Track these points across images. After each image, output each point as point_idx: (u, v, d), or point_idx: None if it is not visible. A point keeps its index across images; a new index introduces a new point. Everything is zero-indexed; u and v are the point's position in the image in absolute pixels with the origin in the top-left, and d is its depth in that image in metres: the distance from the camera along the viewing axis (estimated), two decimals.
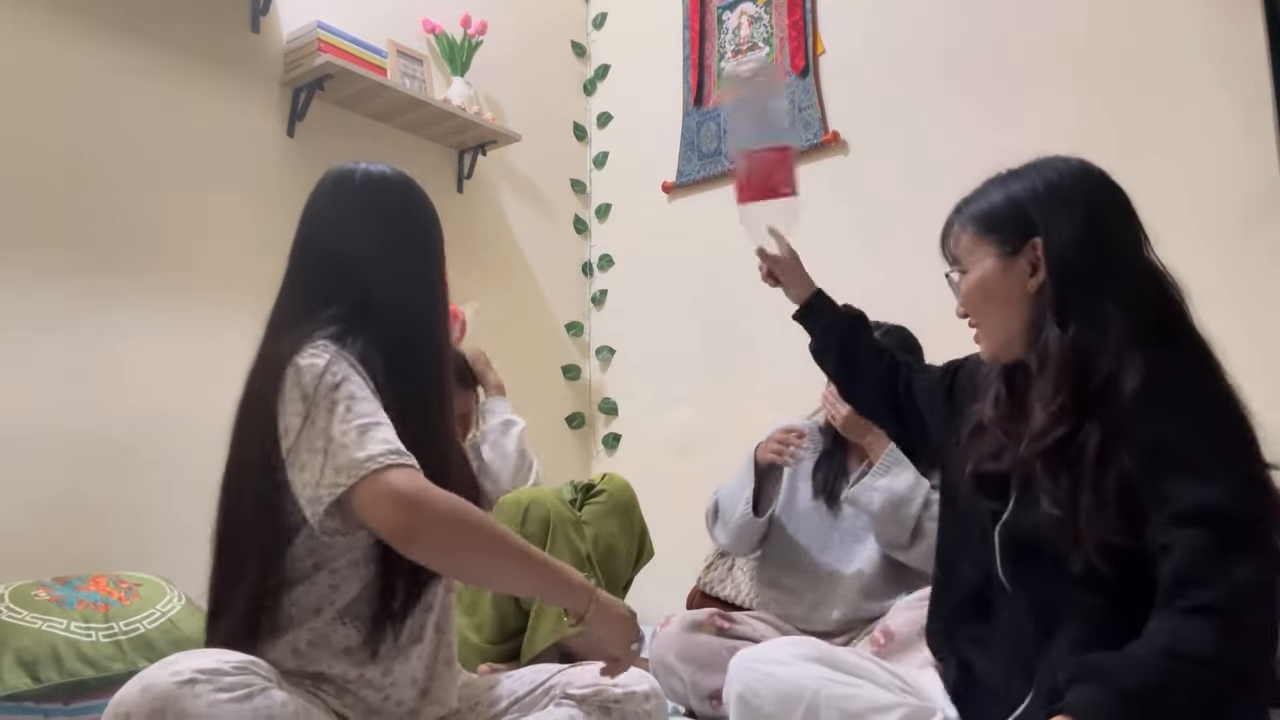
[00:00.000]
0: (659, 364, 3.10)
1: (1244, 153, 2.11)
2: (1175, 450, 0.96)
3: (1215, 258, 2.12)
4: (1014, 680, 1.08)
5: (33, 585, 1.59)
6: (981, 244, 1.13)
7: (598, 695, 1.14)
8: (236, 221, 2.28)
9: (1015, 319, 1.10)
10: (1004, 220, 1.11)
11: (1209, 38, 2.18)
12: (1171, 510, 0.94)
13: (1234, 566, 0.90)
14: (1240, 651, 0.89)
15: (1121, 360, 1.01)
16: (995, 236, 1.12)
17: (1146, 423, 0.98)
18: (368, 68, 2.46)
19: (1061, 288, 1.06)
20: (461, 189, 2.91)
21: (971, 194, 1.18)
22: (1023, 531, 1.09)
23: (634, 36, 3.37)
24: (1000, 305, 1.11)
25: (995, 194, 1.14)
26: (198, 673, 0.87)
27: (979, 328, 1.16)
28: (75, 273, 1.98)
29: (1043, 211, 1.08)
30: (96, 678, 1.49)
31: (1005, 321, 1.12)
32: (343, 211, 1.15)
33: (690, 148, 3.13)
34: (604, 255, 3.34)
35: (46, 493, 1.87)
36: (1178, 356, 1.02)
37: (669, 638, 1.71)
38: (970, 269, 1.14)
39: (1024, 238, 1.09)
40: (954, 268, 1.18)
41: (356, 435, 0.98)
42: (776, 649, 1.21)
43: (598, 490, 2.14)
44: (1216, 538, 0.92)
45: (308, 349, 1.04)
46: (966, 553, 1.17)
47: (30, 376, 1.88)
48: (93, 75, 2.06)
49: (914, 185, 2.59)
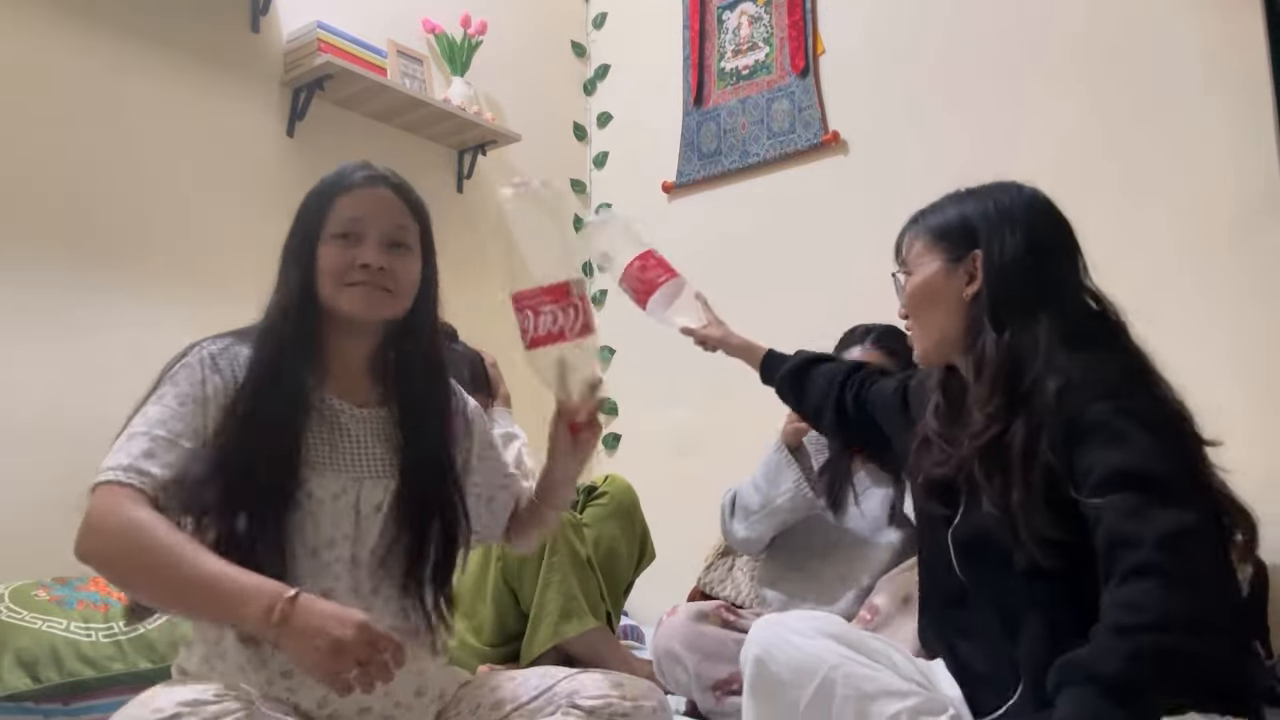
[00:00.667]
0: (659, 364, 3.10)
1: (1244, 153, 2.10)
2: (1093, 426, 1.01)
3: (1215, 257, 2.12)
4: (1000, 670, 1.11)
5: (33, 585, 1.59)
6: (929, 251, 1.23)
7: (606, 707, 1.12)
8: (236, 221, 2.27)
9: (949, 322, 1.20)
10: (953, 232, 1.21)
11: (1208, 37, 2.18)
12: (1093, 480, 0.99)
13: (1157, 520, 0.92)
14: (1188, 602, 0.90)
15: (1049, 363, 1.08)
16: (943, 245, 1.22)
17: (1066, 409, 1.04)
18: (368, 68, 2.46)
19: (996, 297, 1.15)
20: (461, 189, 2.91)
21: (929, 206, 1.28)
22: (970, 534, 1.15)
23: (634, 36, 3.37)
24: (937, 308, 1.21)
25: (950, 209, 1.24)
26: (180, 706, 0.87)
27: (915, 328, 1.26)
28: (75, 272, 1.98)
29: (989, 229, 1.18)
30: (96, 678, 1.49)
31: (940, 323, 1.21)
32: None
33: (690, 148, 3.12)
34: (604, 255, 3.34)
35: (46, 493, 1.85)
36: (1104, 360, 1.08)
37: (675, 627, 1.71)
38: (915, 272, 1.24)
39: (967, 249, 1.19)
40: (901, 269, 1.28)
41: (121, 441, 1.04)
42: (802, 620, 1.21)
43: (600, 492, 2.13)
44: (1137, 497, 0.95)
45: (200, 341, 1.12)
46: (936, 556, 1.22)
47: (30, 376, 1.88)
48: (93, 75, 2.06)
49: (914, 185, 2.56)
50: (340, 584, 1.11)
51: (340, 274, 1.13)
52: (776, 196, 2.90)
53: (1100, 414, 1.01)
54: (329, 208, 1.15)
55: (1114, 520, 0.95)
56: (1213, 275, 2.12)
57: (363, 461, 1.16)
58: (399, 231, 1.16)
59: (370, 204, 1.15)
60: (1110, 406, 1.01)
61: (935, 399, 1.25)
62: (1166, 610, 0.89)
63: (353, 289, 1.13)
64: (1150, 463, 0.97)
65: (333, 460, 1.13)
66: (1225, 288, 2.10)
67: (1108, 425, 1.00)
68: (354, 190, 1.16)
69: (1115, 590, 0.93)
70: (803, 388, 1.59)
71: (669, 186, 3.16)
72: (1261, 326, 2.03)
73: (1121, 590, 0.92)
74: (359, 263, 1.12)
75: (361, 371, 1.21)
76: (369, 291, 1.13)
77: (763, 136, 2.93)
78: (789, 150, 2.86)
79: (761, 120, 2.94)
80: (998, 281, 1.15)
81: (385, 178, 1.19)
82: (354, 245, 1.14)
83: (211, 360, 1.10)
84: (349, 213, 1.14)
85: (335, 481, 1.12)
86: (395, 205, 1.17)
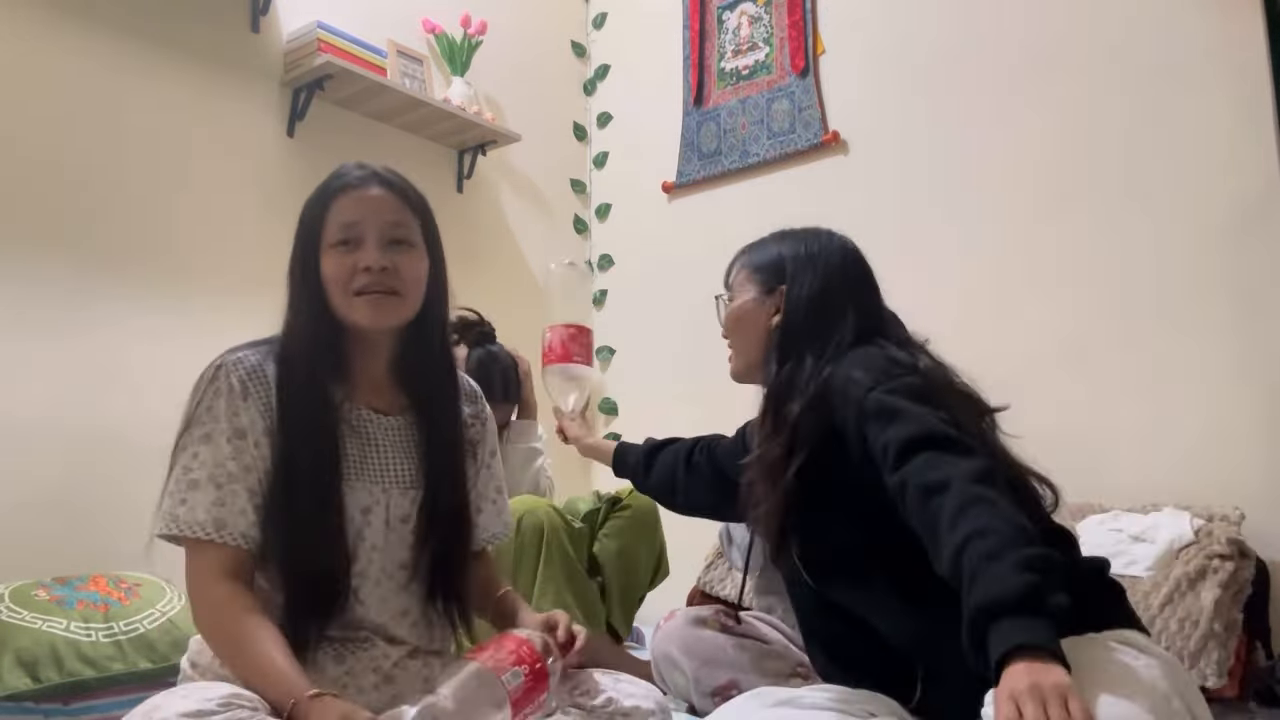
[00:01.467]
0: (659, 364, 3.10)
1: (1244, 153, 2.11)
2: (874, 413, 1.09)
3: (1214, 257, 2.12)
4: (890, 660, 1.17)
5: (33, 585, 1.59)
6: (749, 281, 1.36)
7: (606, 707, 1.12)
8: (236, 221, 2.28)
9: (756, 348, 1.33)
10: (769, 267, 1.34)
11: (1208, 37, 2.18)
12: (890, 457, 1.05)
13: (959, 464, 0.99)
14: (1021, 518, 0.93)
15: (816, 376, 1.19)
16: (759, 277, 1.35)
17: (849, 403, 1.12)
18: (368, 68, 2.46)
19: (789, 328, 1.28)
20: (461, 189, 2.91)
21: (757, 241, 1.41)
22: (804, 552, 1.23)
23: (634, 36, 3.37)
24: (748, 332, 1.34)
25: (771, 246, 1.37)
26: (183, 716, 0.86)
27: (732, 348, 1.38)
28: (75, 272, 1.98)
29: (796, 267, 1.31)
30: (96, 678, 1.49)
31: (749, 347, 1.34)
32: None
33: (690, 148, 3.13)
34: (604, 255, 3.34)
35: (46, 493, 1.87)
36: (869, 354, 1.18)
37: (673, 632, 1.70)
38: (735, 298, 1.37)
39: (777, 283, 1.32)
40: (726, 293, 1.41)
41: (180, 484, 1.06)
42: (738, 711, 1.22)
43: (623, 505, 2.12)
44: (931, 454, 1.02)
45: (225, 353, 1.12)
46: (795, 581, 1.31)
47: (30, 376, 1.88)
48: (92, 75, 2.06)
49: (913, 185, 2.58)
50: (369, 601, 1.11)
51: (345, 282, 1.11)
52: (776, 196, 2.90)
53: (875, 400, 1.09)
54: (325, 215, 1.13)
55: (918, 479, 1.00)
56: (1213, 275, 2.12)
57: (390, 472, 1.16)
58: (397, 229, 1.14)
59: (364, 205, 1.13)
60: (882, 391, 1.10)
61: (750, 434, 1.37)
62: (1013, 524, 0.91)
63: (360, 299, 1.10)
64: (934, 426, 1.04)
65: (363, 472, 1.13)
66: (1225, 288, 2.10)
67: (884, 407, 1.08)
68: (347, 193, 1.13)
69: (952, 533, 0.94)
70: (651, 468, 1.67)
71: (669, 186, 3.16)
72: (1262, 326, 2.03)
73: (959, 529, 0.93)
74: (361, 266, 1.10)
75: (385, 378, 1.20)
76: (376, 299, 1.11)
77: (763, 136, 2.93)
78: (789, 150, 2.86)
79: (761, 120, 2.94)
80: (792, 314, 1.28)
81: (377, 174, 1.16)
82: (354, 250, 1.11)
83: (242, 387, 1.08)
84: (344, 217, 1.12)
85: (367, 494, 1.12)
86: (390, 202, 1.14)
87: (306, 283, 1.13)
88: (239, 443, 1.06)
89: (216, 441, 1.06)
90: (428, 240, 1.18)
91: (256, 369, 1.10)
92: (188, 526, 1.03)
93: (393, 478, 1.15)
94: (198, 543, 1.04)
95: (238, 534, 1.04)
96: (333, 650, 1.08)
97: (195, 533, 1.03)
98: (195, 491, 1.04)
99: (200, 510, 1.04)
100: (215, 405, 1.07)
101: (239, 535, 1.04)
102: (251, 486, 1.06)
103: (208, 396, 1.08)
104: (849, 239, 1.38)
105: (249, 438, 1.07)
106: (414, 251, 1.15)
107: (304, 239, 1.14)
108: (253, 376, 1.09)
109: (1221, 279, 2.10)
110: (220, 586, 1.03)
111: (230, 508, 1.05)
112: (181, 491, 1.05)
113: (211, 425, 1.07)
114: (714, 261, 2.98)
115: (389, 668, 1.12)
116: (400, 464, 1.17)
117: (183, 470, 1.06)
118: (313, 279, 1.12)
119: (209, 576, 1.04)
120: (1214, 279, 2.12)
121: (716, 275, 1.46)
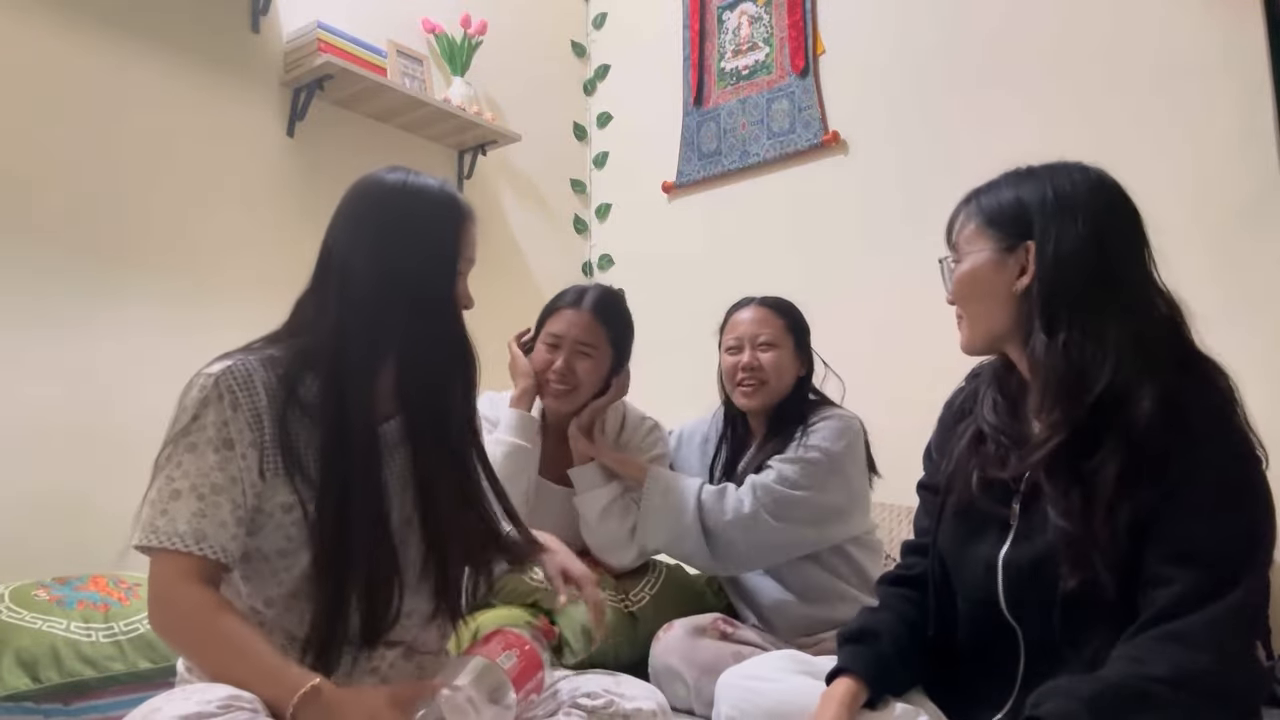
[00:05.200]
0: (659, 364, 3.10)
1: (1244, 153, 2.11)
2: (1191, 490, 0.97)
3: (1214, 257, 2.12)
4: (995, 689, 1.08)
5: (33, 585, 1.59)
6: (981, 236, 1.13)
7: (607, 708, 1.13)
8: (236, 221, 2.27)
9: (999, 315, 1.11)
10: (1006, 218, 1.11)
11: (1208, 37, 2.18)
12: (1172, 548, 0.95)
13: (1212, 604, 0.92)
14: (1204, 674, 0.89)
15: (1129, 380, 1.00)
16: (995, 232, 1.12)
17: (1167, 460, 0.98)
18: (367, 68, 2.46)
19: (1051, 294, 1.05)
20: (461, 189, 2.91)
21: (986, 185, 1.17)
22: (1025, 562, 1.07)
23: (634, 36, 3.37)
24: (985, 299, 1.12)
25: (1006, 191, 1.13)
26: (183, 718, 0.86)
27: (964, 317, 1.17)
28: (74, 272, 1.98)
29: (1045, 218, 1.08)
30: (96, 678, 1.48)
31: (988, 315, 1.12)
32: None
33: (690, 148, 3.12)
34: (604, 255, 3.34)
35: (46, 493, 1.87)
36: (1196, 388, 1.02)
37: (672, 643, 1.69)
38: (964, 259, 1.15)
39: (1020, 238, 1.09)
40: (951, 254, 1.18)
41: (162, 493, 1.03)
42: (762, 665, 1.21)
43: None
44: (1206, 581, 0.93)
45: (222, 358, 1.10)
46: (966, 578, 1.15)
47: (29, 376, 1.88)
48: (92, 75, 2.06)
49: (913, 185, 2.59)
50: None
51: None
52: (776, 196, 2.90)
53: (1200, 477, 0.96)
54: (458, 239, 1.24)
55: (1175, 593, 0.94)
56: (1213, 275, 2.12)
57: (395, 476, 1.16)
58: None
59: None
60: (1209, 472, 0.96)
61: (992, 395, 1.17)
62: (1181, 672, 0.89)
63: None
64: (1224, 549, 0.94)
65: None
66: (1225, 288, 2.10)
67: (1204, 496, 0.96)
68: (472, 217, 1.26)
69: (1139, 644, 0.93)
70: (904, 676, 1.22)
71: (669, 186, 3.16)
72: (1262, 326, 2.03)
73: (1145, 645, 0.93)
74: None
75: (390, 388, 1.20)
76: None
77: (763, 136, 2.93)
78: (789, 150, 2.86)
79: (761, 120, 2.94)
80: (1051, 277, 1.05)
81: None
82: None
83: (232, 398, 1.06)
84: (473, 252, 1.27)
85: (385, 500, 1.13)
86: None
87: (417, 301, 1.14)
88: (226, 453, 1.04)
89: (202, 451, 1.04)
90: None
91: (246, 379, 1.07)
92: (167, 538, 1.01)
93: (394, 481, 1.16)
94: (173, 553, 1.01)
95: (218, 547, 1.02)
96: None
97: (174, 544, 1.00)
98: (176, 502, 1.02)
99: (181, 521, 1.01)
100: (203, 415, 1.05)
101: (218, 548, 1.02)
102: (235, 498, 1.04)
103: (195, 405, 1.05)
104: (1105, 172, 1.13)
105: (236, 449, 1.05)
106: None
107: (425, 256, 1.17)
108: (243, 386, 1.07)
109: (1221, 279, 2.10)
110: (196, 588, 1.00)
111: (211, 519, 1.02)
112: (163, 502, 1.02)
113: (198, 435, 1.04)
114: (714, 261, 3.01)
115: (385, 668, 1.13)
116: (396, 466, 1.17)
117: (165, 480, 1.03)
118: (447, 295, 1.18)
119: (181, 579, 1.01)
120: (1214, 279, 2.11)
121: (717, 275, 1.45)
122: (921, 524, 1.27)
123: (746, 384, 1.85)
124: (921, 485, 1.29)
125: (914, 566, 1.24)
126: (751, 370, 1.85)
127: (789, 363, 1.87)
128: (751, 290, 2.01)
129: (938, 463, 1.25)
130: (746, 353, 1.86)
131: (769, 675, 1.18)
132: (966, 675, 1.14)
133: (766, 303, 1.93)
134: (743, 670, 1.22)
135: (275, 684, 0.94)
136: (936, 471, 1.24)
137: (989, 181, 1.17)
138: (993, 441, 1.13)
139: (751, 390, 1.85)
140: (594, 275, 3.35)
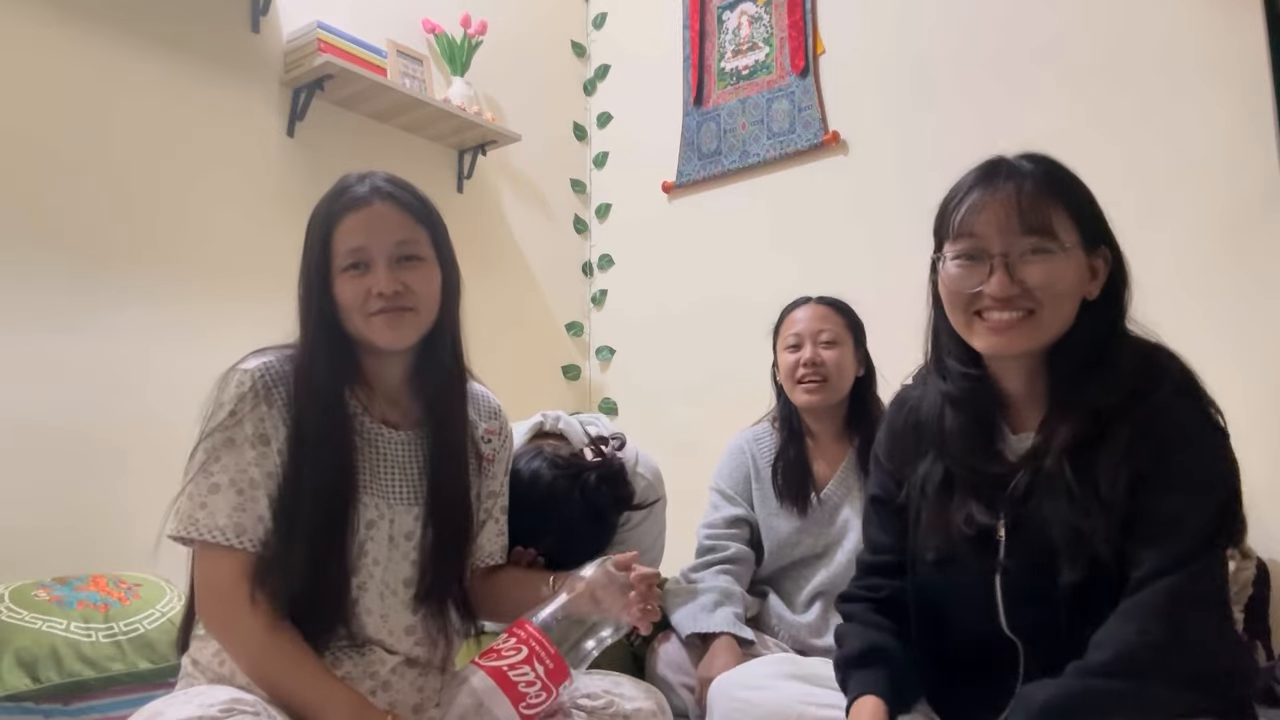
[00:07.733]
0: (659, 364, 3.10)
1: (1244, 153, 2.11)
2: (1166, 472, 0.99)
3: (1214, 257, 2.12)
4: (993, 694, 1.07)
5: (33, 585, 1.59)
6: (1075, 230, 1.03)
7: (608, 708, 1.13)
8: (236, 221, 2.27)
9: (1068, 319, 1.04)
10: (1088, 216, 1.05)
11: (1209, 37, 2.18)
12: (1146, 529, 0.97)
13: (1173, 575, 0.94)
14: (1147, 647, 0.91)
15: (1149, 365, 1.03)
16: (1084, 230, 1.04)
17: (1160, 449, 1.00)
18: (367, 68, 2.46)
19: (1121, 300, 1.06)
20: (461, 189, 2.91)
21: (1060, 167, 1.08)
22: (1022, 578, 1.04)
23: (634, 36, 3.37)
24: (1070, 299, 1.03)
25: (1078, 187, 1.07)
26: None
27: (1035, 313, 1.02)
28: (74, 272, 1.98)
29: (1107, 223, 1.08)
30: (96, 678, 1.48)
31: (1063, 318, 1.03)
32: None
33: (690, 148, 3.12)
34: (604, 255, 3.34)
35: (46, 493, 1.86)
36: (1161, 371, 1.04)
37: (670, 653, 1.69)
38: (1054, 250, 1.01)
39: (1099, 242, 1.06)
40: (1034, 238, 1.02)
41: (201, 486, 1.05)
42: (753, 673, 1.20)
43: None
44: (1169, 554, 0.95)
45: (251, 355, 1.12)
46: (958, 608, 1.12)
47: (29, 376, 1.88)
48: (92, 75, 2.06)
49: (914, 185, 2.58)
50: (371, 615, 1.11)
51: (360, 306, 1.10)
52: (776, 196, 2.90)
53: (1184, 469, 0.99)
54: (332, 237, 1.11)
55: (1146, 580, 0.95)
56: (1213, 275, 2.12)
57: (397, 487, 1.16)
58: (405, 246, 1.12)
59: (370, 226, 1.11)
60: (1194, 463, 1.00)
61: (961, 421, 1.09)
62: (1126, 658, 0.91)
63: (377, 319, 1.10)
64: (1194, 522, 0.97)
65: (371, 486, 1.13)
66: (1225, 288, 2.10)
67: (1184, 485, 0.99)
68: (351, 213, 1.11)
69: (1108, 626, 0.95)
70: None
71: (669, 186, 3.16)
72: (1261, 326, 2.03)
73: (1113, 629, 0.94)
74: (375, 291, 1.09)
75: (402, 390, 1.20)
76: (392, 318, 1.10)
77: (763, 136, 2.93)
78: (789, 150, 2.86)
79: (761, 120, 2.94)
80: (1122, 284, 1.06)
81: (379, 188, 1.13)
82: (364, 274, 1.10)
83: (267, 393, 1.08)
84: (351, 242, 1.10)
85: (374, 509, 1.12)
86: (396, 218, 1.12)
87: (319, 305, 1.12)
88: (263, 449, 1.06)
89: (240, 447, 1.06)
90: (438, 249, 1.17)
91: (282, 376, 1.10)
92: (207, 531, 1.03)
93: (398, 494, 1.15)
94: (215, 547, 1.04)
95: (256, 540, 1.05)
96: (330, 657, 1.08)
97: (215, 537, 1.03)
98: (216, 495, 1.04)
99: (221, 515, 1.04)
100: (239, 410, 1.06)
101: (257, 542, 1.05)
102: (271, 493, 1.06)
103: (233, 400, 1.07)
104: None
105: (272, 444, 1.07)
106: (424, 265, 1.14)
107: (313, 261, 1.13)
108: (278, 383, 1.09)
109: (1221, 278, 2.10)
110: (246, 594, 1.02)
111: (250, 514, 1.05)
112: (202, 495, 1.05)
113: (235, 430, 1.06)
114: (714, 261, 3.00)
115: (385, 674, 1.12)
116: (407, 479, 1.17)
117: (203, 473, 1.05)
118: (326, 302, 1.11)
119: (232, 582, 1.03)
120: (1214, 278, 2.11)
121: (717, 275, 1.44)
122: (877, 539, 1.20)
123: (809, 380, 1.80)
124: (873, 498, 1.22)
125: (881, 589, 1.17)
126: (814, 366, 1.80)
127: (849, 361, 1.84)
128: (751, 290, 2.02)
129: (890, 472, 1.19)
130: (808, 349, 1.82)
131: (760, 684, 1.17)
132: (962, 683, 1.13)
133: (825, 300, 1.90)
134: (734, 679, 1.21)
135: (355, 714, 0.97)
136: (890, 481, 1.19)
137: (1042, 162, 1.08)
138: (967, 484, 1.07)
139: (815, 387, 1.80)
140: (594, 275, 3.36)
